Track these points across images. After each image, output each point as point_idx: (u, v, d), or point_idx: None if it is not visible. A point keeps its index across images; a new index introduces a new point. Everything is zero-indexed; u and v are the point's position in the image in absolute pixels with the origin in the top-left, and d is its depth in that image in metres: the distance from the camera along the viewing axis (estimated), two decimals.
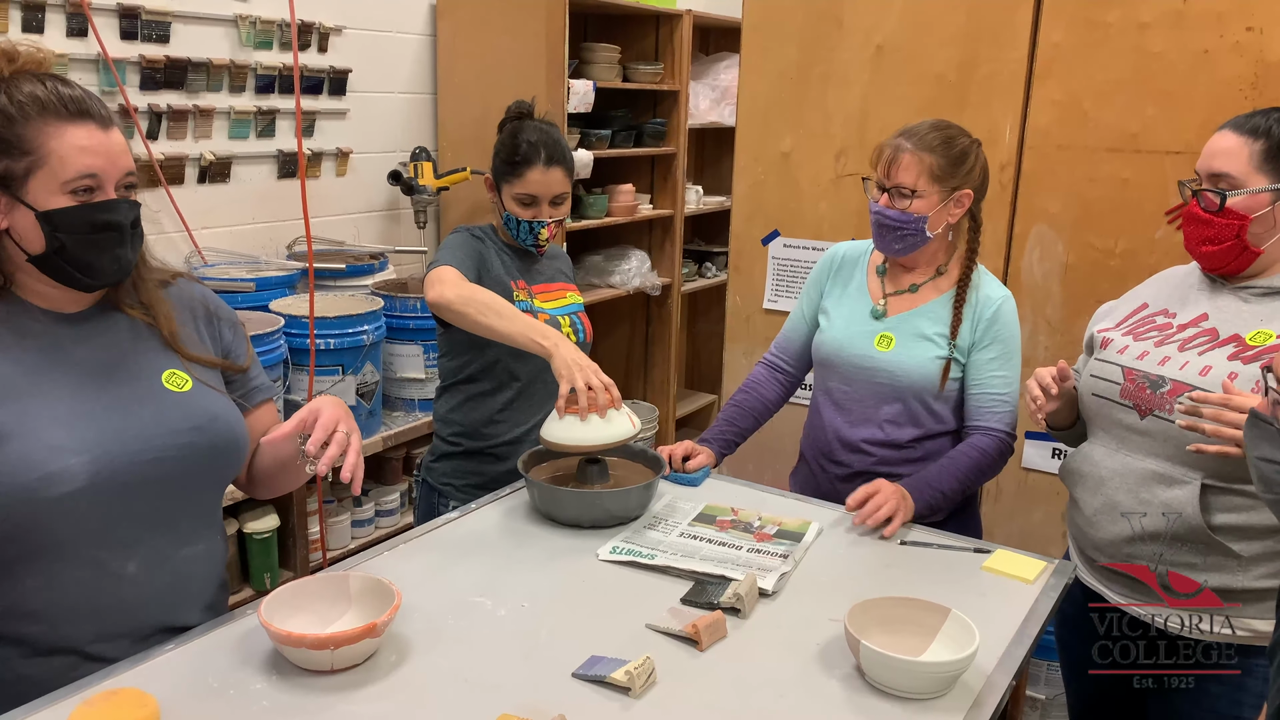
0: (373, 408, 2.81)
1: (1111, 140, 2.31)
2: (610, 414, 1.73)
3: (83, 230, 1.23)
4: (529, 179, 1.98)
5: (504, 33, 3.31)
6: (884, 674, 1.25)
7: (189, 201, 2.79)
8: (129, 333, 1.35)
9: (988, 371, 1.85)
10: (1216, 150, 1.52)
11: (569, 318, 2.09)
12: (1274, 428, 1.00)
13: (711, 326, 4.76)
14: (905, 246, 1.84)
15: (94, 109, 1.24)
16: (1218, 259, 1.54)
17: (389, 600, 1.30)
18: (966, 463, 1.82)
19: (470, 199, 3.46)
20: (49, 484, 1.20)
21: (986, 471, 1.85)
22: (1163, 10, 2.21)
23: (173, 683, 1.22)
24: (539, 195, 1.99)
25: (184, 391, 1.35)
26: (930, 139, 1.78)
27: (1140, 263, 2.30)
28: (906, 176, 1.78)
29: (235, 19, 2.81)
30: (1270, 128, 1.48)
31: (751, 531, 1.71)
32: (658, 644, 1.35)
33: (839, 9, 2.59)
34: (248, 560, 2.61)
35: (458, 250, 1.96)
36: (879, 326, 1.91)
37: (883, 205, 1.81)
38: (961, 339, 1.85)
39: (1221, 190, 1.49)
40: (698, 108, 4.19)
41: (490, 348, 1.99)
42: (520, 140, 2.00)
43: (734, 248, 2.92)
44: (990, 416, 1.85)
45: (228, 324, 1.49)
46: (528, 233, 2.02)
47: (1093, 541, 1.65)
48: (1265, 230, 1.49)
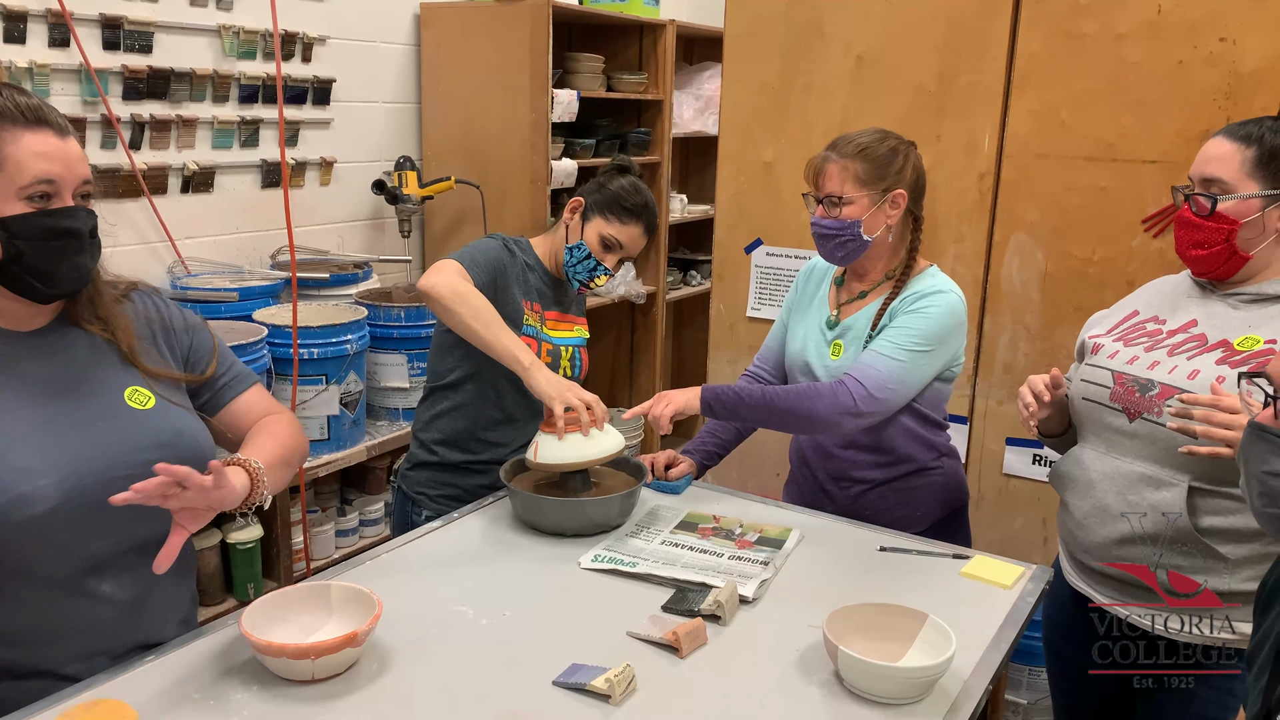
0: (356, 417, 2.81)
1: (1089, 149, 2.33)
2: (594, 432, 1.75)
3: (40, 237, 1.22)
4: (628, 230, 1.99)
5: (488, 42, 3.32)
6: (862, 680, 1.26)
7: (172, 211, 2.79)
8: (88, 350, 1.34)
9: (878, 339, 1.82)
10: (1210, 156, 1.53)
11: (571, 349, 2.08)
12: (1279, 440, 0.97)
13: (696, 334, 4.78)
14: (847, 253, 1.87)
15: (51, 117, 1.23)
16: (1207, 263, 1.55)
17: (370, 610, 1.31)
18: (789, 391, 1.82)
19: (455, 208, 3.47)
20: (19, 506, 1.19)
21: (804, 399, 1.78)
22: (1138, 21, 2.23)
23: (153, 694, 1.22)
24: (624, 248, 2.00)
25: (147, 409, 1.34)
26: (849, 148, 1.83)
27: (1118, 270, 2.33)
28: (833, 185, 1.83)
29: (218, 29, 2.81)
30: (1263, 135, 1.49)
31: (733, 539, 1.72)
32: (639, 651, 1.35)
33: (820, 20, 2.62)
34: (231, 571, 2.60)
35: (477, 254, 1.92)
36: (832, 335, 1.93)
37: (818, 216, 1.86)
38: (882, 322, 1.85)
39: (1213, 195, 1.51)
40: (682, 117, 4.21)
41: (482, 357, 1.94)
42: (642, 196, 2.00)
43: (717, 256, 2.94)
44: (853, 368, 1.80)
45: (187, 331, 1.47)
46: (586, 270, 2.00)
47: (1083, 545, 1.66)
48: (1254, 236, 1.51)
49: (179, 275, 2.80)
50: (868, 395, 1.76)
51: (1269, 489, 0.99)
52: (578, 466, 1.75)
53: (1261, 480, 1.00)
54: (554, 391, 1.72)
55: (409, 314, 2.92)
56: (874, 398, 1.76)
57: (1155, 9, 2.21)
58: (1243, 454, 1.04)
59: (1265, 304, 1.54)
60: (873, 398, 1.76)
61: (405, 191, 3.23)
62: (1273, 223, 1.50)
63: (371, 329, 2.86)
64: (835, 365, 1.90)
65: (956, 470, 2.01)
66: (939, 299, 1.83)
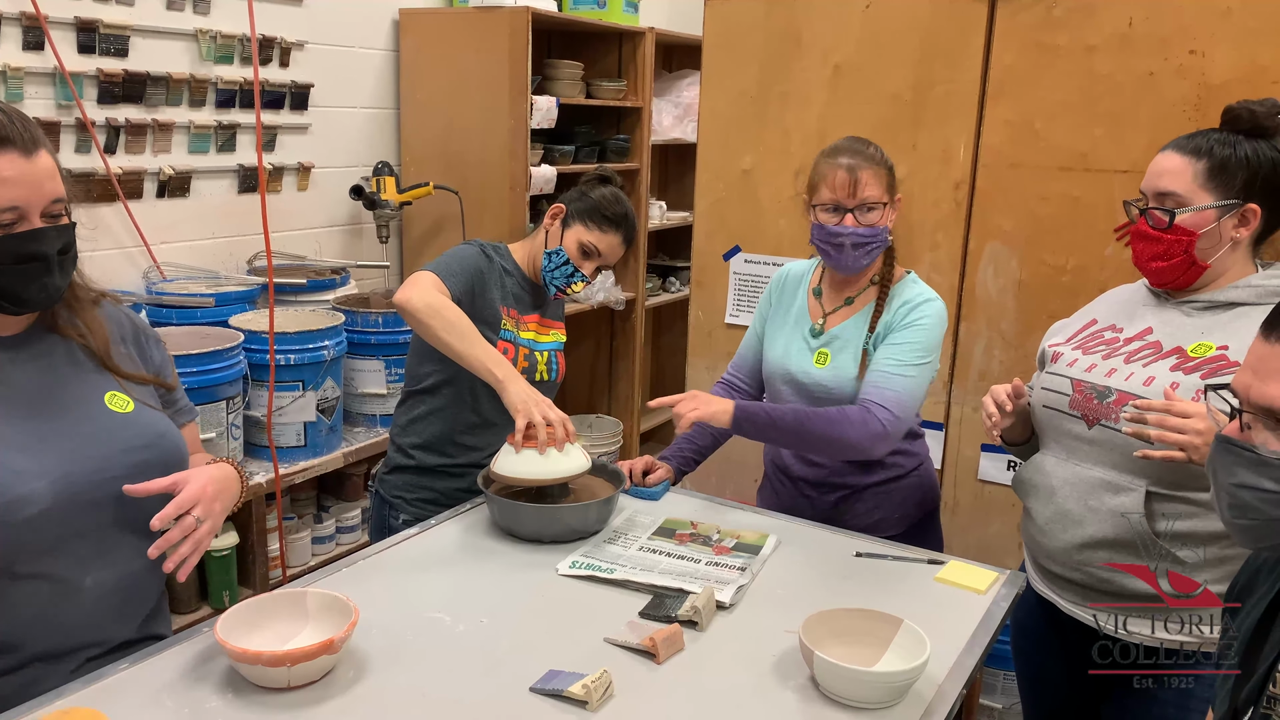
0: (333, 423, 2.80)
1: (1062, 159, 2.36)
2: (565, 449, 1.75)
3: (6, 261, 1.22)
4: (608, 239, 2.01)
5: (467, 49, 3.32)
6: (837, 684, 1.27)
7: (148, 216, 2.77)
8: (65, 356, 1.36)
9: (884, 355, 1.83)
10: (1162, 170, 1.57)
11: (547, 354, 2.09)
12: (1252, 453, 0.98)
13: (676, 341, 4.79)
14: (870, 260, 1.89)
15: (15, 135, 1.21)
16: (1168, 274, 1.59)
17: (347, 617, 1.31)
18: (820, 414, 1.80)
19: (434, 214, 3.46)
20: (16, 508, 1.22)
21: (837, 429, 1.78)
22: (1109, 34, 2.27)
23: (126, 701, 1.22)
24: (602, 256, 2.02)
25: (127, 412, 1.36)
26: (874, 154, 1.85)
27: (1091, 279, 2.35)
28: (872, 191, 1.82)
29: (195, 33, 2.80)
30: (1212, 147, 1.53)
31: (710, 545, 1.73)
32: (616, 657, 1.36)
33: (798, 29, 2.64)
34: (206, 578, 2.58)
35: (454, 262, 1.94)
36: (816, 344, 1.94)
37: (849, 225, 1.83)
38: (877, 334, 1.87)
39: (1170, 209, 1.54)
40: (661, 124, 4.23)
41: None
42: (622, 206, 2.02)
43: (696, 263, 2.95)
44: (871, 390, 1.81)
45: (154, 342, 1.50)
46: (564, 276, 2.02)
47: (1045, 550, 1.68)
48: (1211, 245, 1.54)
49: (155, 280, 2.78)
50: (893, 417, 1.78)
51: (1238, 500, 1.00)
52: (528, 483, 1.75)
53: (1230, 492, 1.01)
54: (521, 406, 1.73)
55: (387, 320, 2.91)
56: (898, 419, 1.79)
57: (1126, 21, 2.24)
58: (1211, 466, 1.06)
59: (1217, 311, 1.57)
60: (897, 419, 1.79)
61: (383, 197, 3.22)
62: (1228, 231, 1.54)
63: (349, 335, 2.85)
64: (820, 374, 1.91)
65: (930, 473, 2.04)
66: (929, 308, 1.86)
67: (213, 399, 2.44)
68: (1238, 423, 1.01)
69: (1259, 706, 1.04)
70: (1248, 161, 1.51)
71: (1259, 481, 0.98)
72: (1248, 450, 0.99)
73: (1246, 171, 1.51)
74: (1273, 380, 0.97)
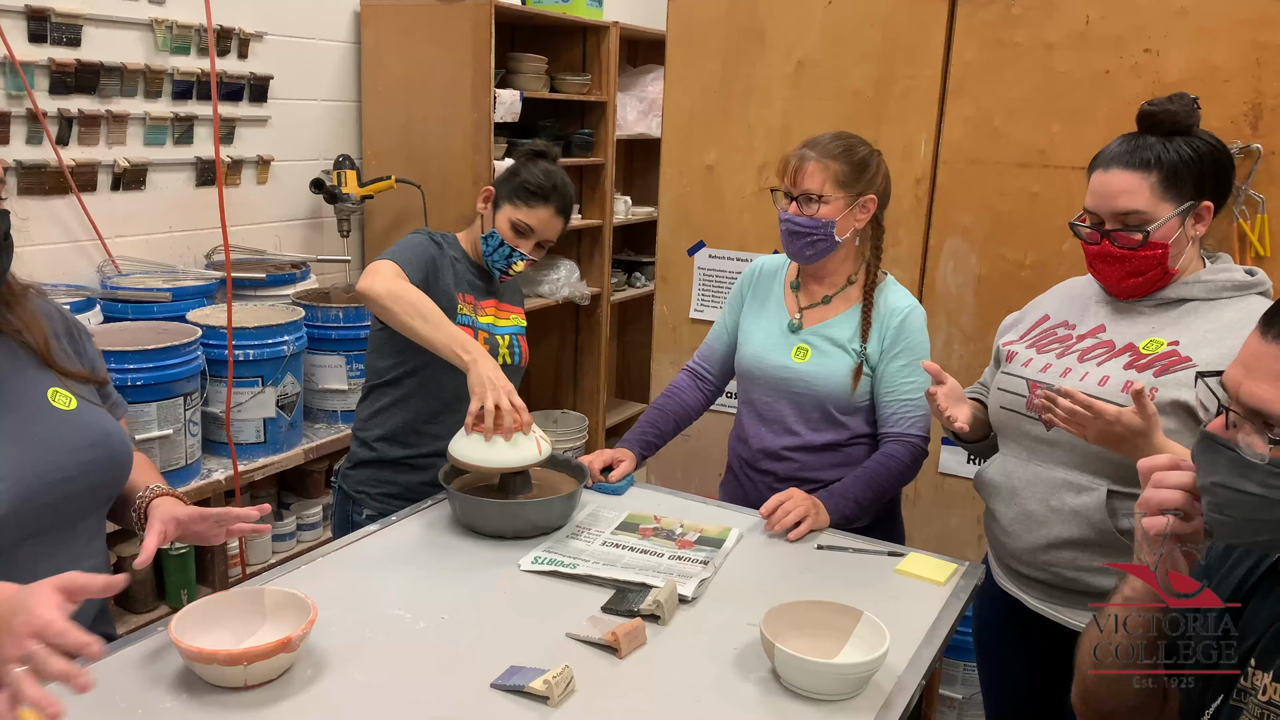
0: (294, 420, 2.76)
1: (1020, 155, 2.39)
2: (517, 438, 1.72)
3: None
4: (537, 214, 2.00)
5: (429, 42, 3.29)
6: (797, 676, 1.27)
7: (102, 209, 2.72)
8: (4, 352, 1.32)
9: (899, 379, 1.90)
10: (1116, 191, 1.55)
11: (508, 338, 2.09)
12: (1234, 452, 0.95)
13: (641, 336, 4.79)
14: (816, 253, 1.90)
15: None
16: (1143, 288, 1.59)
17: (305, 614, 1.29)
18: (880, 470, 1.87)
19: (395, 207, 3.43)
20: None
21: (901, 477, 1.89)
22: (1067, 31, 2.29)
23: (76, 703, 1.19)
24: (535, 232, 2.01)
25: (71, 410, 1.33)
26: (833, 147, 1.86)
27: (1049, 274, 2.38)
28: (813, 183, 1.84)
29: (151, 23, 2.75)
30: (1158, 157, 1.53)
31: (673, 539, 1.73)
32: (578, 653, 1.36)
33: (761, 25, 2.64)
34: (163, 577, 2.55)
35: (408, 250, 1.95)
36: (795, 339, 1.95)
37: (792, 213, 1.87)
38: (871, 345, 1.91)
39: (1139, 226, 1.53)
40: (626, 119, 4.22)
41: (421, 353, 1.97)
42: (548, 179, 2.01)
43: (661, 258, 2.95)
44: (903, 422, 1.90)
45: (86, 336, 1.47)
46: (503, 258, 2.02)
47: (1010, 550, 1.70)
48: (1179, 250, 1.56)
49: (110, 275, 2.73)
50: (925, 437, 1.92)
51: (1217, 498, 0.97)
52: (473, 469, 1.73)
53: (1210, 490, 0.98)
54: (478, 389, 1.71)
55: (347, 315, 2.88)
56: (927, 436, 1.92)
57: (1084, 20, 2.27)
58: (1193, 460, 1.02)
59: (1168, 308, 1.59)
60: (927, 437, 1.92)
61: (344, 191, 3.19)
62: (1189, 233, 1.56)
63: (309, 330, 2.82)
64: (800, 368, 1.92)
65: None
66: (916, 315, 1.93)
67: (170, 395, 2.41)
68: (1223, 419, 0.98)
69: (1229, 697, 1.04)
70: (1192, 161, 1.52)
71: (1239, 483, 0.95)
72: (1229, 449, 0.96)
73: (1193, 172, 1.52)
74: (1264, 380, 0.93)
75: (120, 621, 2.37)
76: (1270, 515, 0.94)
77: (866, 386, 1.92)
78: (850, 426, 1.94)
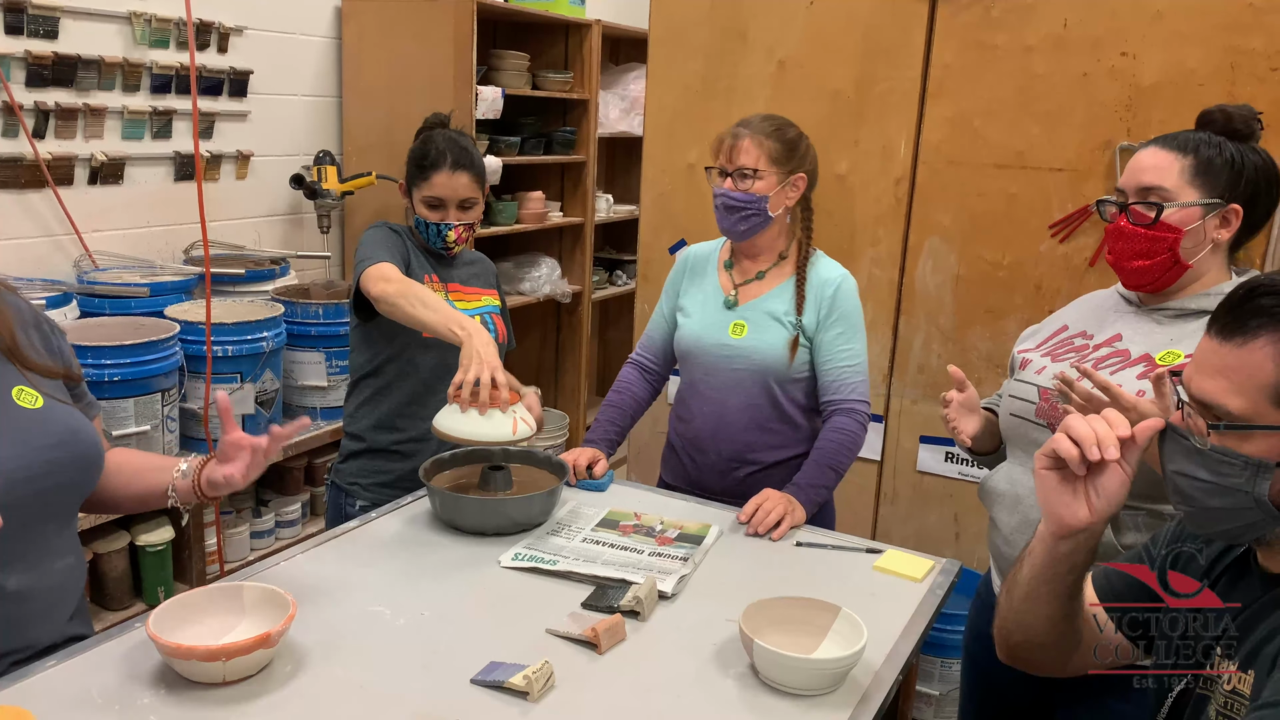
0: (273, 416, 2.75)
1: (999, 157, 2.41)
2: (494, 414, 1.71)
3: None
4: (435, 182, 2.03)
5: (411, 38, 3.28)
6: (776, 672, 1.28)
7: (79, 203, 2.70)
8: None
9: (835, 348, 1.96)
10: (1145, 165, 1.52)
11: (480, 318, 2.11)
12: (1189, 442, 1.02)
13: (622, 334, 4.79)
14: (750, 228, 1.96)
15: None
16: (1148, 274, 1.53)
17: (284, 610, 1.29)
18: (835, 448, 1.91)
19: (375, 203, 3.42)
20: None
21: (853, 448, 1.94)
22: (1045, 34, 2.32)
23: (54, 699, 1.19)
24: (445, 199, 2.04)
25: (37, 408, 1.30)
26: (765, 126, 1.94)
27: (1026, 274, 2.41)
28: (748, 159, 1.92)
29: (129, 16, 2.73)
30: (1198, 145, 1.50)
31: (653, 536, 1.74)
32: (557, 649, 1.36)
33: (743, 24, 2.65)
34: (140, 574, 2.53)
35: (384, 245, 1.99)
36: (732, 315, 2.01)
37: (727, 188, 1.94)
38: (807, 316, 1.96)
39: (1156, 203, 1.50)
40: (608, 117, 4.22)
41: (399, 339, 2.03)
42: (430, 146, 2.05)
43: (642, 257, 2.95)
44: (843, 389, 1.95)
45: (57, 330, 1.43)
46: (436, 235, 2.06)
47: (1010, 560, 1.67)
48: (1195, 245, 1.50)
49: (87, 269, 2.71)
50: (866, 401, 1.98)
51: (1178, 488, 1.04)
52: (442, 436, 1.71)
53: (1172, 479, 1.05)
54: (465, 360, 1.71)
55: (327, 311, 2.87)
56: (867, 400, 1.98)
57: (1062, 23, 2.30)
58: (1159, 454, 1.08)
59: (1188, 319, 1.54)
60: (867, 401, 1.98)
61: (325, 186, 3.18)
62: (1210, 231, 1.50)
63: (289, 326, 2.80)
64: (739, 344, 1.97)
65: None
66: (848, 284, 1.99)
67: (147, 391, 2.39)
68: (1180, 413, 1.05)
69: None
70: (1233, 161, 1.48)
71: (1193, 470, 1.02)
72: (1184, 438, 1.03)
73: (1231, 171, 1.48)
74: (1208, 375, 1.01)
75: (97, 619, 2.35)
76: (1224, 502, 1.00)
77: (804, 358, 1.97)
78: (790, 400, 1.99)
